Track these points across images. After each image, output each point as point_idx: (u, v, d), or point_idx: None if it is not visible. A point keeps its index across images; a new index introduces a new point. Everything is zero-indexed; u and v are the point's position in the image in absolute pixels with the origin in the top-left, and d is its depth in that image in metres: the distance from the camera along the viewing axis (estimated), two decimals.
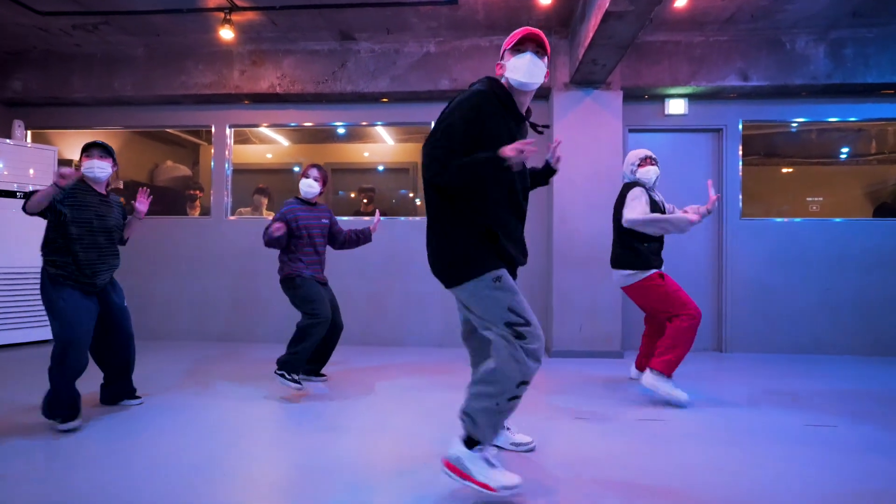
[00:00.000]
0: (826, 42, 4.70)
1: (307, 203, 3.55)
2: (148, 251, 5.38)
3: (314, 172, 3.52)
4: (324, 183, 3.55)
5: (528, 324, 1.86)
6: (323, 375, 3.67)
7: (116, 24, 4.81)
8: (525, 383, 1.84)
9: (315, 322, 3.26)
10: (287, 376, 3.21)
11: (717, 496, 1.96)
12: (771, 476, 2.14)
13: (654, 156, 3.43)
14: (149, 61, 5.25)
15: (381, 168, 6.77)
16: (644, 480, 2.10)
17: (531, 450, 2.38)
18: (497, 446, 2.39)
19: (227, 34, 4.53)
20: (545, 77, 2.00)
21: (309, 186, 3.50)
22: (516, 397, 1.85)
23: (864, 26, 4.62)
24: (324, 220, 3.55)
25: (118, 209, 2.95)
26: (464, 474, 1.88)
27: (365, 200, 5.91)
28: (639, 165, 3.41)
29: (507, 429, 2.41)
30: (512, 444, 2.40)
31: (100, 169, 2.80)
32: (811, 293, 4.94)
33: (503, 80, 2.01)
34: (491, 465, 1.89)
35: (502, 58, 2.02)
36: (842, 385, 3.73)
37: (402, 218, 5.36)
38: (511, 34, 2.01)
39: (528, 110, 2.09)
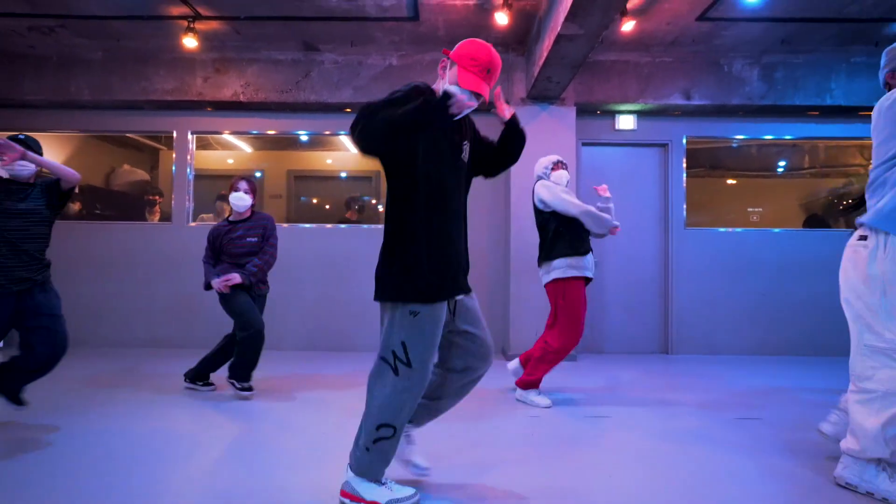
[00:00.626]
0: (760, 65, 5.09)
1: (233, 223, 3.55)
2: (105, 257, 5.30)
3: (243, 185, 3.53)
4: (254, 194, 3.57)
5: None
6: (211, 385, 3.65)
7: (74, 27, 4.75)
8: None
9: (246, 335, 3.35)
10: (237, 385, 3.42)
11: (669, 487, 2.17)
12: (698, 466, 2.37)
13: (565, 161, 3.56)
14: (108, 65, 5.19)
15: (343, 175, 6.84)
16: (578, 473, 2.28)
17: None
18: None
19: (190, 42, 4.55)
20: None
21: (239, 199, 3.50)
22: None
23: (793, 52, 5.03)
24: (249, 239, 3.51)
25: None
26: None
27: (345, 208, 5.99)
28: (552, 169, 3.50)
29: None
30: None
31: None
32: (751, 298, 5.30)
33: (434, 86, 1.98)
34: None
35: (451, 64, 1.94)
36: (775, 382, 4.05)
37: (365, 226, 5.46)
38: (476, 50, 1.88)
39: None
